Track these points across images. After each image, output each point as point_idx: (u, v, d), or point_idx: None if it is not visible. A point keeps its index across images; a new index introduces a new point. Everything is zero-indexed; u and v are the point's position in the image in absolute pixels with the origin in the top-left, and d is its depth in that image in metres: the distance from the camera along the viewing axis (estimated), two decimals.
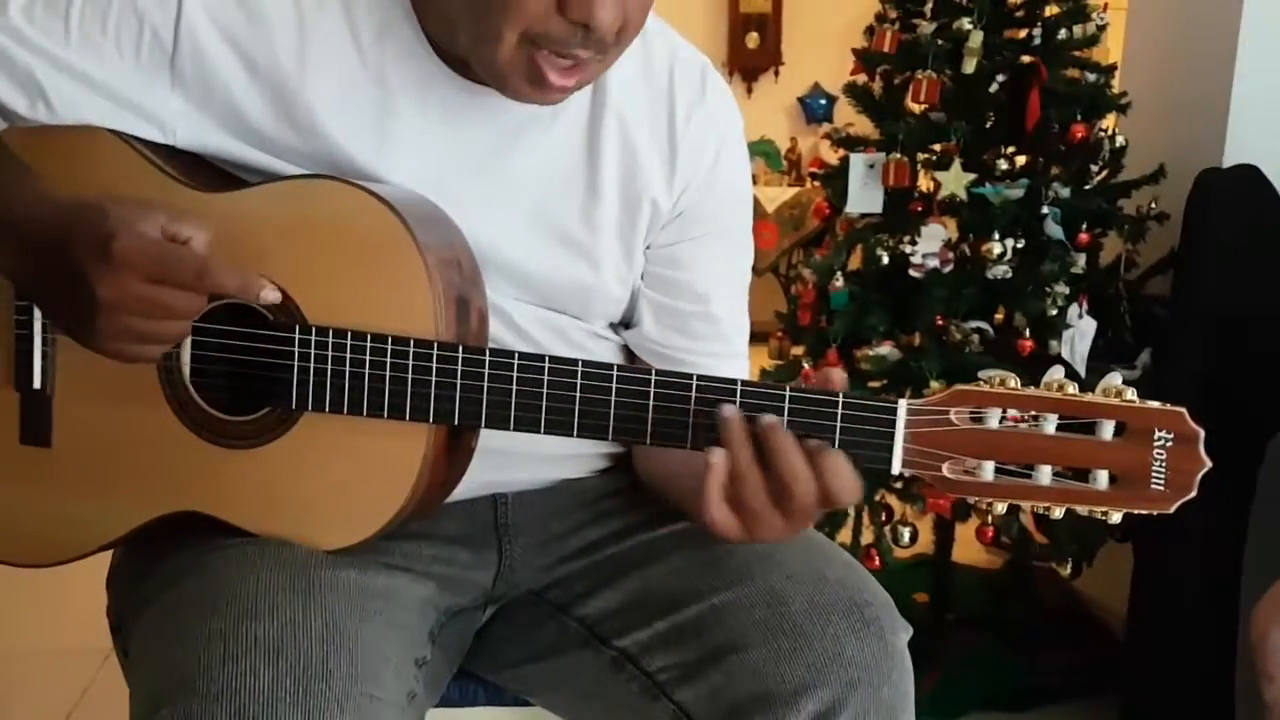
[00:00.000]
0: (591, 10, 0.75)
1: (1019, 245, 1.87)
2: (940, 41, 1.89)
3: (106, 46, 0.83)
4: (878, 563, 1.88)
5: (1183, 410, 0.71)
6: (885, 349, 1.90)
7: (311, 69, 0.84)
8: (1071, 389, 0.72)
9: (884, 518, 1.95)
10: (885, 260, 1.91)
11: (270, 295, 0.77)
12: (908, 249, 1.88)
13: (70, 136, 0.84)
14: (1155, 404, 0.72)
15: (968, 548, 2.10)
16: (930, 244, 1.89)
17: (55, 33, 0.82)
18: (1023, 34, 1.95)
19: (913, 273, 1.88)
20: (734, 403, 0.76)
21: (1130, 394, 0.72)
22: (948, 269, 1.87)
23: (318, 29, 0.84)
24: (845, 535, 1.92)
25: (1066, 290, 1.86)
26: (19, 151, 0.82)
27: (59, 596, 1.46)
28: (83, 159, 0.84)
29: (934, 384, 1.76)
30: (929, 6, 1.97)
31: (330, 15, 0.85)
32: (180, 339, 0.80)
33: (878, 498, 1.94)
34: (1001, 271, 1.86)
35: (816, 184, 2.22)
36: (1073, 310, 1.87)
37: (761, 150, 5.20)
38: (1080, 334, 1.85)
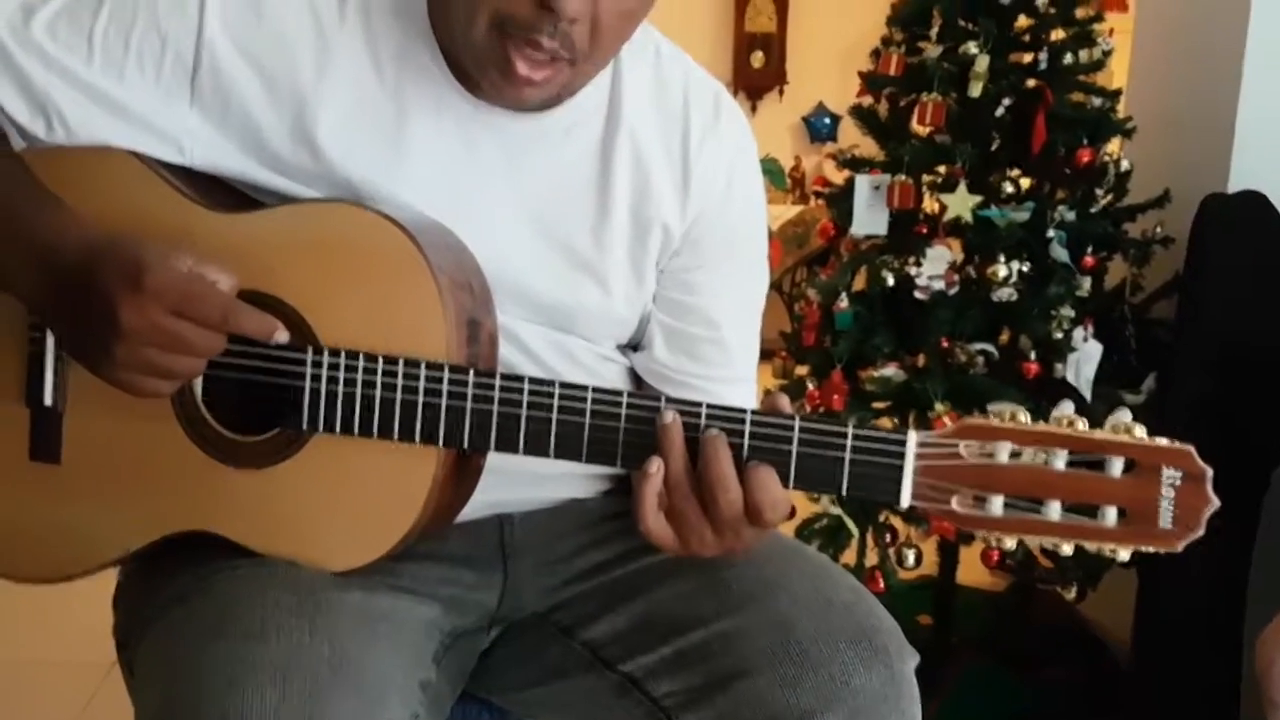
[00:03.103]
0: None
1: (1024, 268, 1.87)
2: (946, 65, 1.90)
3: (128, 65, 0.83)
4: (882, 584, 1.88)
5: (1190, 448, 0.71)
6: (890, 370, 1.90)
7: (329, 88, 0.85)
8: (1081, 425, 0.72)
9: (888, 539, 1.95)
10: (890, 282, 1.91)
11: (281, 337, 0.78)
12: (913, 271, 1.88)
13: (87, 156, 0.85)
14: (1164, 441, 0.72)
15: (972, 569, 2.09)
16: (935, 266, 1.89)
17: (78, 51, 0.83)
18: (1028, 58, 1.96)
19: (918, 294, 1.88)
20: (743, 430, 0.77)
21: (1139, 431, 0.72)
22: (953, 291, 1.88)
23: (338, 49, 0.85)
24: (849, 557, 1.92)
25: (1072, 313, 1.87)
26: (37, 171, 0.82)
27: (62, 608, 1.46)
28: (100, 179, 0.84)
29: (939, 406, 1.77)
30: (935, 30, 1.97)
31: (351, 36, 0.86)
32: (192, 378, 0.81)
33: (882, 519, 1.94)
34: (1007, 294, 1.86)
35: (820, 202, 2.23)
36: (1078, 333, 1.87)
37: (766, 168, 5.21)
38: (1086, 357, 1.85)
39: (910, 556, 1.91)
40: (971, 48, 1.88)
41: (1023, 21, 1.95)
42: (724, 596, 0.86)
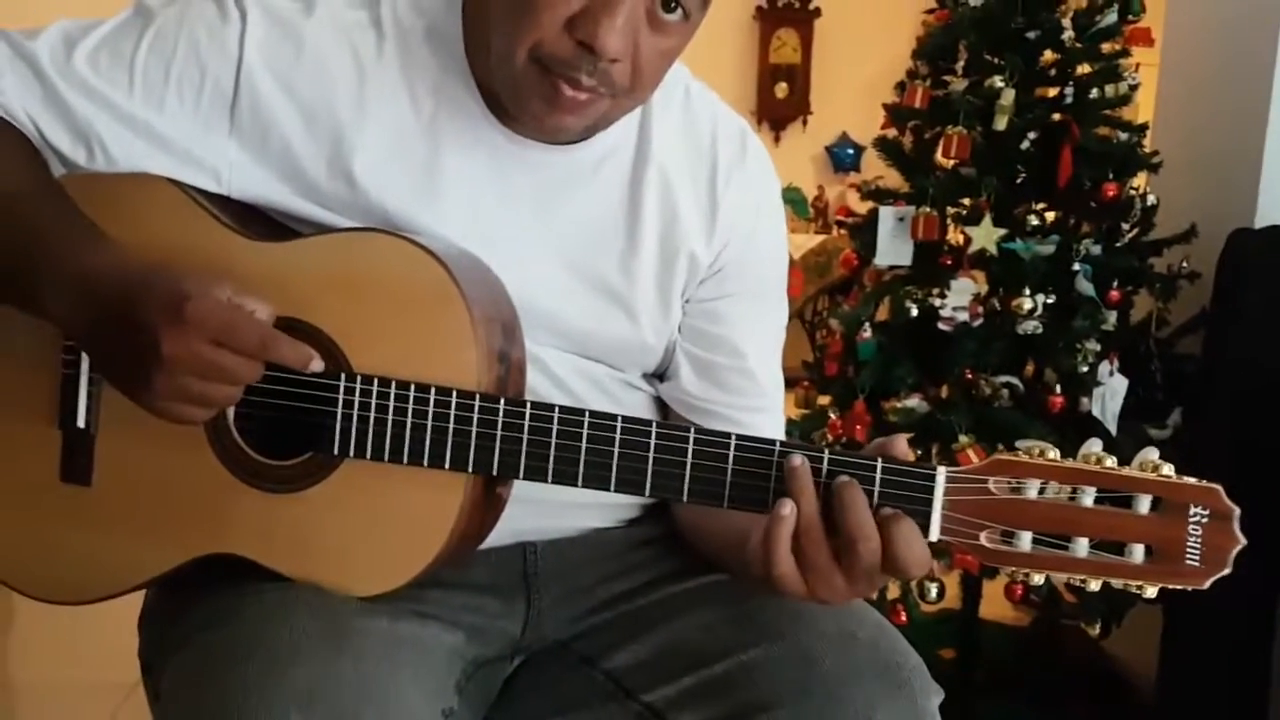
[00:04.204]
0: (596, 32, 0.77)
1: (1049, 301, 1.87)
2: (971, 98, 1.91)
3: (168, 95, 0.85)
4: (904, 618, 1.87)
5: (1218, 487, 0.72)
6: (913, 401, 1.89)
7: (366, 121, 0.86)
8: (1109, 462, 0.73)
9: None
10: (914, 313, 1.91)
11: (316, 366, 0.79)
12: (937, 302, 1.89)
13: (126, 183, 0.86)
14: (1191, 480, 0.72)
15: (995, 604, 2.08)
16: (960, 298, 1.89)
17: (119, 82, 0.85)
18: (1054, 92, 1.96)
19: (942, 326, 1.88)
20: (772, 462, 0.77)
21: (1167, 469, 0.72)
22: (977, 323, 1.87)
23: (375, 83, 0.87)
24: None
25: (1097, 347, 1.86)
26: (76, 197, 0.84)
27: (83, 628, 1.46)
28: (138, 206, 0.86)
29: (963, 439, 1.76)
30: (960, 64, 1.98)
31: (388, 69, 0.87)
32: (229, 405, 0.81)
33: None
34: (1032, 327, 1.86)
35: (843, 231, 2.24)
36: (1103, 368, 1.87)
37: (788, 198, 5.23)
38: (1111, 392, 1.85)
39: (933, 590, 1.90)
40: (997, 81, 1.89)
41: (1049, 56, 1.96)
42: (747, 628, 0.86)
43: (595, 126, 0.86)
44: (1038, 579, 0.74)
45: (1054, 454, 0.73)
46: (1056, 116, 1.94)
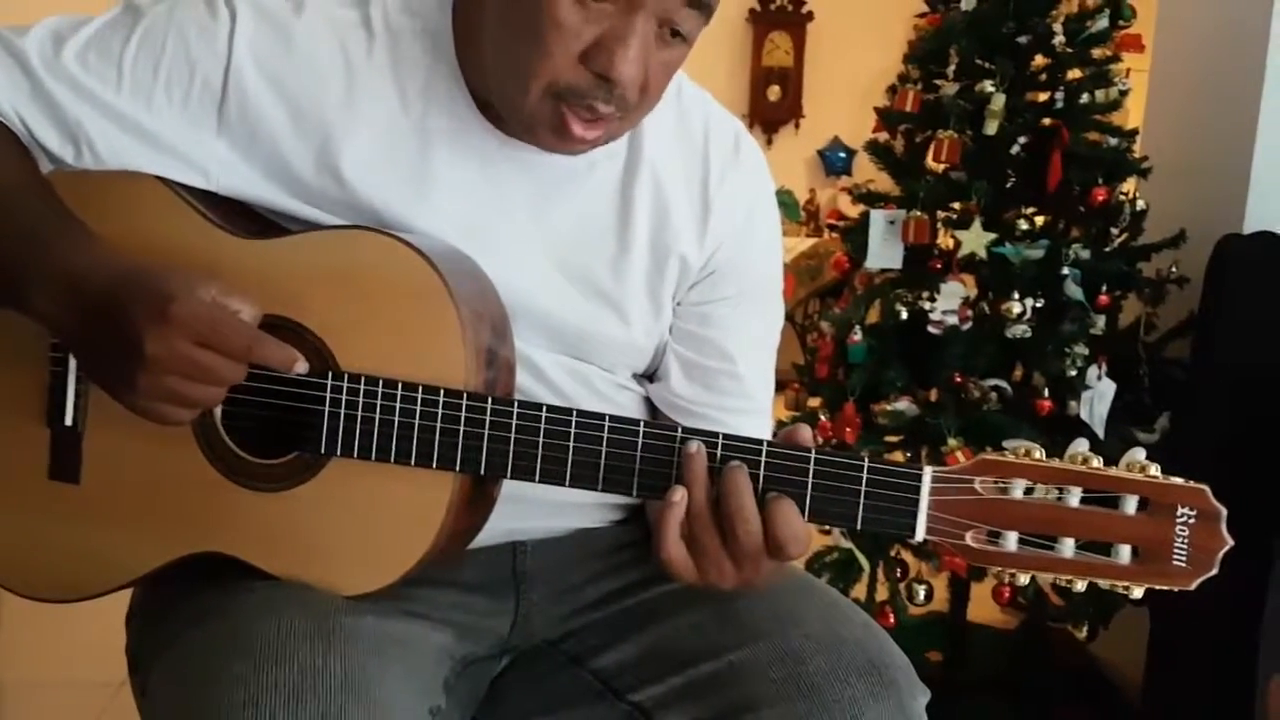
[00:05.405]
0: (613, 63, 0.77)
1: (1038, 305, 1.88)
2: (962, 103, 1.92)
3: (157, 92, 0.85)
4: (892, 620, 1.87)
5: (1205, 488, 0.72)
6: (903, 404, 1.90)
7: (355, 120, 0.86)
8: (1096, 462, 0.73)
9: (899, 574, 1.95)
10: (904, 316, 1.92)
11: (301, 368, 0.79)
12: (926, 305, 1.89)
13: (114, 180, 0.86)
14: (1178, 480, 0.72)
15: (983, 606, 2.08)
16: (949, 301, 1.90)
17: (108, 79, 0.84)
18: (1044, 97, 1.97)
19: (931, 329, 1.89)
20: (759, 461, 0.77)
21: (1154, 469, 0.72)
22: (966, 326, 1.88)
23: (365, 81, 0.86)
24: (860, 591, 1.92)
25: (1086, 351, 1.87)
26: (64, 194, 0.83)
27: (72, 626, 1.46)
28: (126, 203, 0.85)
29: (951, 441, 1.77)
30: (951, 68, 1.99)
31: (378, 68, 0.87)
32: (212, 406, 0.81)
33: (893, 554, 1.93)
34: (1021, 331, 1.87)
35: (834, 235, 2.25)
36: (1092, 371, 1.88)
37: (780, 201, 5.21)
38: (1099, 395, 1.85)
39: (921, 592, 1.90)
40: (988, 86, 1.90)
41: (1039, 61, 1.97)
42: (735, 628, 0.86)
43: (600, 142, 0.86)
44: (1023, 579, 0.74)
45: (1040, 454, 0.73)
46: (1047, 121, 1.95)
